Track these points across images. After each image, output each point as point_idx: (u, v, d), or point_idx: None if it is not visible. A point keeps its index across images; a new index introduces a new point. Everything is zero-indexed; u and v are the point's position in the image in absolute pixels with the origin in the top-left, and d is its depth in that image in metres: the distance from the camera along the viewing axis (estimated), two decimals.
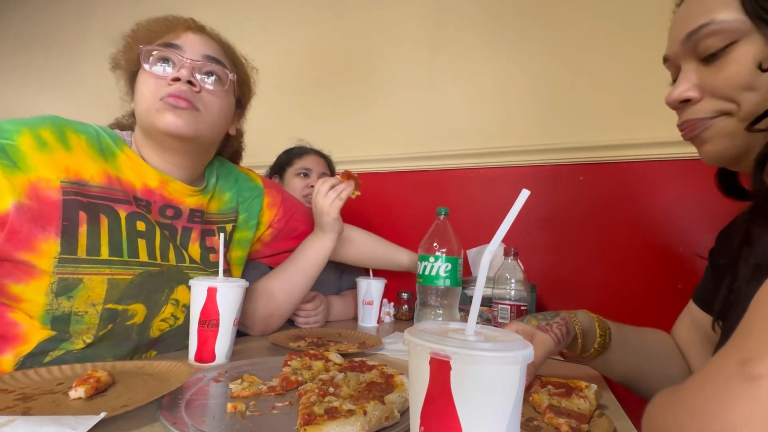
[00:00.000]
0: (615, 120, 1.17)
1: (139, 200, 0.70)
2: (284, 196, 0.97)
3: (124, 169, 0.69)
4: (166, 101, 0.66)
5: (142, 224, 0.68)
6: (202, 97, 0.69)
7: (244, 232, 0.87)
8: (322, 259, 0.94)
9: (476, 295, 0.31)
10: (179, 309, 0.72)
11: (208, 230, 0.80)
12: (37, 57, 2.56)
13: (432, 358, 0.28)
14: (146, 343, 0.69)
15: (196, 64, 0.69)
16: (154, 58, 0.69)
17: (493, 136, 1.34)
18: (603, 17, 1.22)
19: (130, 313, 0.65)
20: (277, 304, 0.90)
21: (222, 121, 0.75)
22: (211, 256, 0.79)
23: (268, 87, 1.82)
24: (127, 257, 0.65)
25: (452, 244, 0.88)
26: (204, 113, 0.69)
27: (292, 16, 1.78)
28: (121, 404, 0.44)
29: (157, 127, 0.67)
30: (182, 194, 0.75)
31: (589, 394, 0.52)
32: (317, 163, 1.27)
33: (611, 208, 1.17)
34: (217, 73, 0.72)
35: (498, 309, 0.87)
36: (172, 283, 0.70)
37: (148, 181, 0.71)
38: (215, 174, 0.83)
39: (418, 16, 1.52)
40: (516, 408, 0.28)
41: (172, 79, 0.66)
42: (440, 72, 1.46)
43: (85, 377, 0.48)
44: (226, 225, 0.83)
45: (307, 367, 0.58)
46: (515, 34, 1.36)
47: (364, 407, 0.42)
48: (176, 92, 0.66)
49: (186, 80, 0.67)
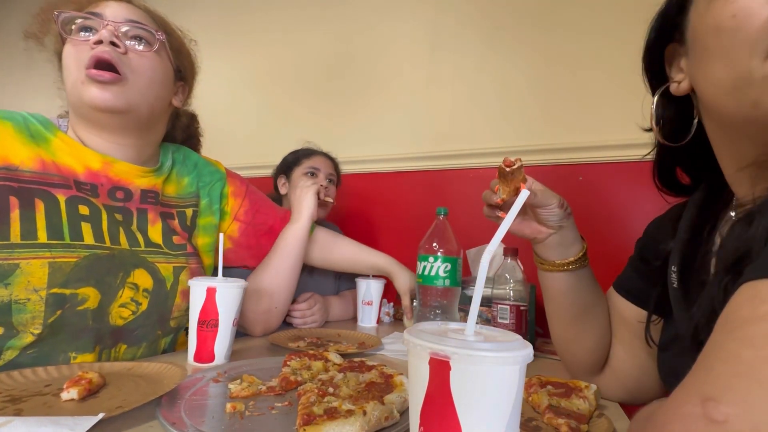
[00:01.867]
0: (615, 120, 1.17)
1: (82, 184, 0.67)
2: (249, 189, 0.95)
3: (60, 154, 0.67)
4: (89, 74, 0.62)
5: (85, 208, 0.65)
6: (130, 61, 0.66)
7: (207, 217, 0.85)
8: (300, 241, 0.93)
9: (476, 295, 0.31)
10: (140, 294, 0.68)
11: (166, 213, 0.78)
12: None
13: (431, 358, 0.28)
14: (110, 333, 0.65)
15: (118, 25, 0.66)
16: (76, 27, 0.65)
17: (493, 136, 1.34)
18: (602, 17, 1.23)
19: (80, 297, 0.61)
20: (271, 297, 0.90)
21: (157, 89, 0.71)
22: (174, 239, 0.76)
23: (269, 88, 1.83)
24: (69, 240, 0.62)
25: (452, 244, 0.88)
26: (133, 80, 0.66)
27: (292, 19, 1.78)
28: (115, 405, 0.44)
29: (85, 102, 0.64)
30: (131, 175, 0.72)
31: (588, 394, 0.52)
32: (325, 164, 1.27)
33: (611, 208, 1.17)
34: (143, 36, 0.68)
35: (497, 309, 0.87)
36: (128, 267, 0.67)
37: (89, 163, 0.68)
38: (171, 158, 0.81)
39: (418, 17, 1.52)
40: (515, 408, 0.28)
41: (95, 43, 0.63)
42: (440, 72, 1.46)
43: (76, 379, 0.47)
44: (186, 209, 0.81)
45: (307, 368, 0.58)
46: (514, 34, 1.36)
47: (364, 407, 0.42)
48: (99, 54, 0.62)
49: (109, 41, 0.63)
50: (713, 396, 0.24)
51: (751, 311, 0.26)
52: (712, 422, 0.23)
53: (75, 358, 0.62)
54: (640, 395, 0.60)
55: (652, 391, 0.59)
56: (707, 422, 0.24)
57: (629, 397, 0.60)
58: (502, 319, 0.86)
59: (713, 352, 0.27)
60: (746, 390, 0.23)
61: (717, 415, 0.23)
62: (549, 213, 0.55)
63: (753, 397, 0.23)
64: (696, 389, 0.26)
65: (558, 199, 0.55)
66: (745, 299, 0.27)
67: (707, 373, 0.26)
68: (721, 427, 0.23)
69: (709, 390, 0.25)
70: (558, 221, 0.56)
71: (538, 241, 0.59)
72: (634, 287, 0.60)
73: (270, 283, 0.90)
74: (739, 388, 0.24)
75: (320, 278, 1.19)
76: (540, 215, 0.56)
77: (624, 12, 1.17)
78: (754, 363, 0.24)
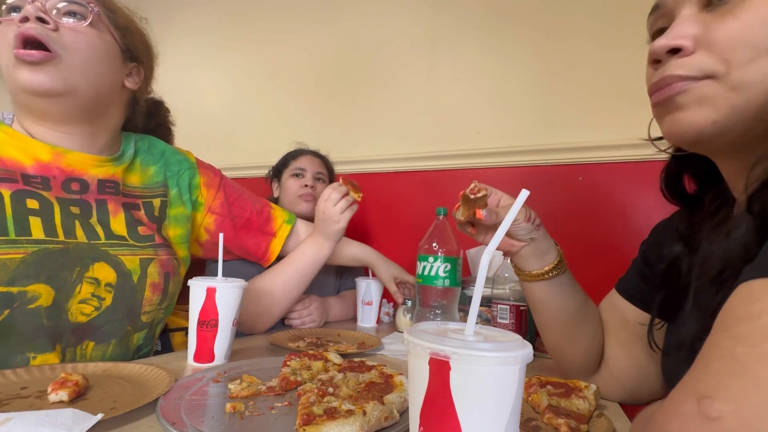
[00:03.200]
0: (615, 120, 1.17)
1: (31, 177, 0.64)
2: (224, 180, 0.92)
3: (5, 147, 0.64)
4: (17, 55, 0.59)
5: (34, 202, 0.62)
6: (62, 38, 0.61)
7: (178, 207, 0.81)
8: (317, 266, 0.94)
9: (475, 295, 0.31)
10: (102, 289, 0.64)
11: (130, 203, 0.74)
12: None
13: (431, 358, 0.28)
14: (72, 331, 0.62)
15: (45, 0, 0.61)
16: (6, 8, 0.62)
17: (492, 136, 1.34)
18: (602, 17, 1.23)
19: (30, 295, 0.58)
20: (268, 305, 0.90)
21: (99, 68, 0.66)
22: (140, 229, 0.72)
23: (269, 88, 1.83)
24: (14, 236, 0.59)
25: (451, 244, 0.88)
26: (67, 57, 0.61)
27: (293, 19, 1.78)
28: (109, 407, 0.44)
29: (19, 86, 0.61)
30: (85, 165, 0.69)
31: (588, 394, 0.52)
32: (312, 163, 1.27)
33: (610, 208, 1.17)
34: (75, 10, 0.63)
35: (497, 309, 0.87)
36: (85, 261, 0.64)
37: (39, 156, 0.65)
38: (134, 146, 0.78)
39: (417, 17, 1.52)
40: (515, 408, 0.28)
41: (20, 21, 0.59)
42: (440, 72, 1.46)
43: (60, 381, 0.47)
44: (153, 199, 0.77)
45: (306, 368, 0.58)
46: (514, 34, 1.36)
47: (363, 407, 0.42)
48: (24, 32, 0.58)
49: (35, 17, 0.59)
50: (708, 394, 0.25)
51: (745, 310, 0.27)
52: (707, 419, 0.24)
53: (34, 359, 0.59)
54: (639, 395, 0.60)
55: (651, 391, 0.59)
56: (702, 420, 0.24)
57: (628, 397, 0.60)
58: (501, 319, 0.86)
59: (709, 350, 0.27)
60: (740, 387, 0.24)
61: (712, 412, 0.24)
62: (517, 228, 0.55)
63: (746, 394, 0.23)
64: (692, 387, 0.26)
65: (524, 214, 0.55)
66: (740, 298, 0.28)
67: (703, 371, 0.27)
68: (716, 424, 0.24)
69: (704, 388, 0.25)
70: (527, 234, 0.56)
71: (512, 254, 0.59)
72: (637, 290, 0.60)
73: (274, 291, 0.90)
74: (732, 386, 0.24)
75: (321, 278, 1.18)
76: (509, 231, 0.56)
77: (624, 12, 1.17)
78: (748, 360, 0.24)
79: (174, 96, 0.95)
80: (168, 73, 2.04)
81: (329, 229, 0.91)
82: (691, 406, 0.25)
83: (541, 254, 0.58)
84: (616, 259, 1.13)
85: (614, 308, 0.63)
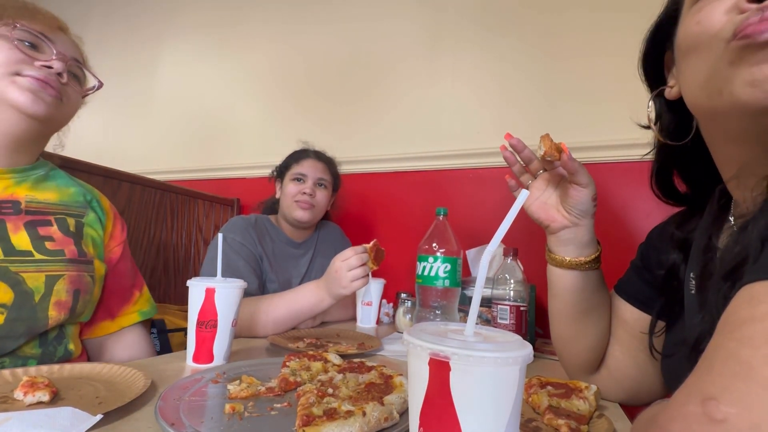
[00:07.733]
0: (616, 120, 1.17)
1: None
2: (126, 243, 0.84)
3: None
4: (30, 81, 0.64)
5: None
6: (67, 91, 0.70)
7: (94, 230, 0.78)
8: (311, 312, 0.94)
9: (475, 296, 0.31)
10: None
11: (38, 221, 0.70)
12: None
13: (431, 358, 0.28)
14: None
15: (70, 62, 0.70)
16: (23, 33, 0.66)
17: (492, 136, 1.34)
18: (602, 17, 1.23)
19: None
20: (252, 328, 0.90)
21: (68, 120, 0.75)
22: (48, 244, 0.68)
23: (269, 88, 1.83)
24: None
25: (451, 244, 0.88)
26: (65, 105, 0.70)
27: (293, 22, 1.78)
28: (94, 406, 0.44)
29: (7, 98, 0.64)
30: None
31: (588, 395, 0.51)
32: (314, 169, 1.24)
33: (611, 208, 1.17)
34: (78, 75, 0.74)
35: (497, 309, 0.86)
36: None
37: None
38: (47, 170, 0.76)
39: (417, 17, 1.52)
40: (515, 409, 0.28)
41: (43, 65, 0.66)
42: (440, 72, 1.47)
43: (28, 383, 0.46)
44: (67, 217, 0.74)
45: (306, 368, 0.58)
46: (515, 34, 1.36)
47: (363, 408, 0.41)
48: (45, 78, 0.65)
49: (57, 72, 0.67)
50: (713, 395, 0.25)
51: (749, 312, 0.26)
52: (712, 421, 0.24)
53: None
54: (638, 395, 0.60)
55: (650, 391, 0.59)
56: (707, 421, 0.24)
57: (627, 397, 0.60)
58: (501, 319, 0.86)
59: (713, 352, 0.27)
60: (745, 389, 0.24)
61: (717, 414, 0.24)
62: (578, 196, 0.55)
63: (752, 396, 0.23)
64: (697, 389, 0.26)
65: (593, 190, 0.55)
66: (744, 300, 0.28)
67: (708, 373, 0.27)
68: (721, 426, 0.23)
69: (709, 389, 0.25)
70: (580, 213, 0.56)
71: (550, 231, 0.59)
72: (636, 291, 0.60)
73: (266, 322, 0.90)
74: (738, 388, 0.24)
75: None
76: (570, 195, 0.56)
77: (624, 11, 1.17)
78: (753, 362, 0.24)
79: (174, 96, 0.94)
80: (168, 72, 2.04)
81: (335, 290, 0.90)
82: (696, 408, 0.25)
83: (581, 244, 0.58)
84: (617, 259, 1.13)
85: (613, 309, 0.63)
